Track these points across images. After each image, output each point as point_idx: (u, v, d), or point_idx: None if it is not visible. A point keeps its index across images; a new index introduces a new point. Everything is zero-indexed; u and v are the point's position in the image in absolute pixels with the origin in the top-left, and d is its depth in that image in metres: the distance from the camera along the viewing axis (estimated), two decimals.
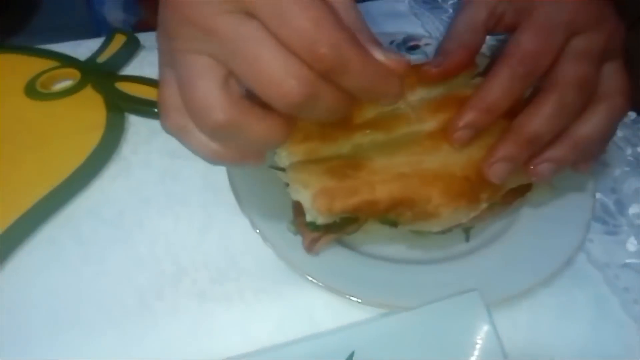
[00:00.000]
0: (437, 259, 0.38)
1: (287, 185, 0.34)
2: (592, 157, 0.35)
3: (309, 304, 0.36)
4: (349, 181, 0.32)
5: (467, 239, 0.39)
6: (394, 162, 0.33)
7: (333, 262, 0.37)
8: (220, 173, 0.40)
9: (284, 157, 0.35)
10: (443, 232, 0.37)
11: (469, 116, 0.32)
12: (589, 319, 0.36)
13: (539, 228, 0.39)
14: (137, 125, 0.44)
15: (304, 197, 0.33)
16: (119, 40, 0.47)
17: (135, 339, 0.34)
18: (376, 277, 0.36)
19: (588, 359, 0.34)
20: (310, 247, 0.36)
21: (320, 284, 0.35)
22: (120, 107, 0.44)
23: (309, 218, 0.33)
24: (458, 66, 0.35)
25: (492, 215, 0.38)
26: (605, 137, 0.34)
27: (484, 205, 0.35)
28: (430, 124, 0.35)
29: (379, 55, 0.24)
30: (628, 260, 0.39)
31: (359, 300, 0.35)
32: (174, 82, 0.26)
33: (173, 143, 0.44)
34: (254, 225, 0.37)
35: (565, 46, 0.32)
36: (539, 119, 0.31)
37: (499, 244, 0.38)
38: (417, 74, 0.36)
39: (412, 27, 0.54)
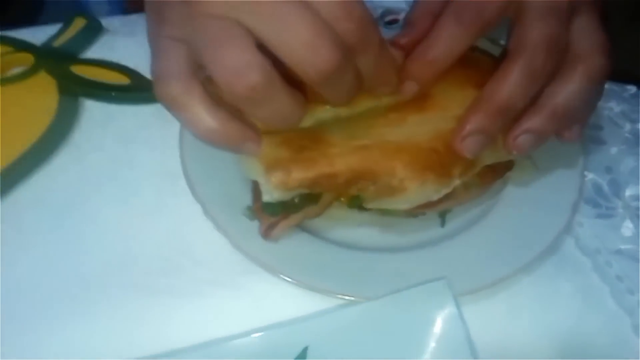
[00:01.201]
0: (409, 245, 0.35)
1: None
2: (576, 124, 0.31)
3: (267, 295, 0.33)
4: (307, 153, 0.30)
5: (443, 224, 0.36)
6: (355, 134, 0.31)
7: (292, 251, 0.34)
8: (177, 159, 0.37)
9: None
10: (415, 215, 0.35)
11: (411, 69, 0.31)
12: (574, 311, 0.33)
13: (520, 211, 0.35)
14: (92, 110, 0.41)
15: (258, 170, 0.30)
16: (79, 24, 0.45)
17: (77, 333, 0.32)
18: (340, 266, 0.34)
19: (572, 357, 0.31)
20: (268, 233, 0.33)
21: (279, 274, 0.32)
22: (75, 91, 0.41)
23: (265, 197, 0.30)
24: (425, 34, 0.32)
25: (469, 197, 0.35)
26: (588, 102, 0.31)
27: (456, 182, 0.32)
28: (396, 97, 0.33)
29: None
30: (623, 246, 0.36)
31: (320, 292, 0.32)
32: (182, 51, 0.26)
33: (129, 129, 0.43)
34: (206, 212, 0.35)
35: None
36: (508, 85, 0.29)
37: (476, 229, 0.35)
38: None
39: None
